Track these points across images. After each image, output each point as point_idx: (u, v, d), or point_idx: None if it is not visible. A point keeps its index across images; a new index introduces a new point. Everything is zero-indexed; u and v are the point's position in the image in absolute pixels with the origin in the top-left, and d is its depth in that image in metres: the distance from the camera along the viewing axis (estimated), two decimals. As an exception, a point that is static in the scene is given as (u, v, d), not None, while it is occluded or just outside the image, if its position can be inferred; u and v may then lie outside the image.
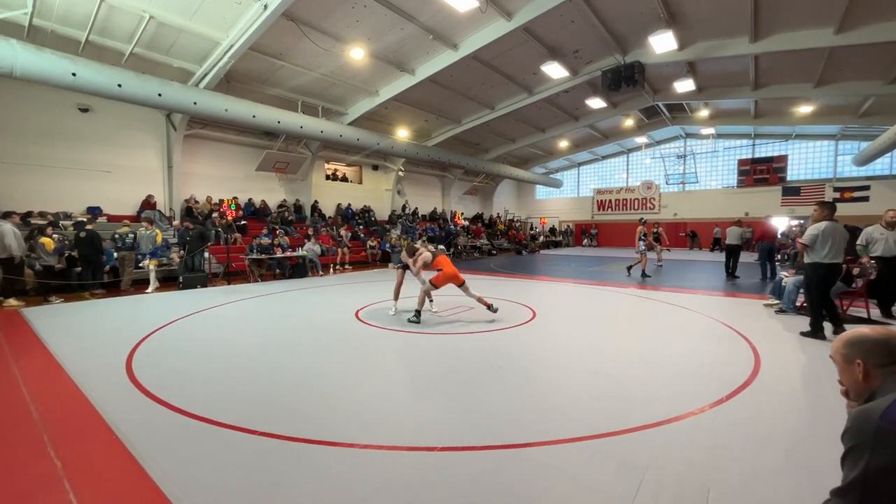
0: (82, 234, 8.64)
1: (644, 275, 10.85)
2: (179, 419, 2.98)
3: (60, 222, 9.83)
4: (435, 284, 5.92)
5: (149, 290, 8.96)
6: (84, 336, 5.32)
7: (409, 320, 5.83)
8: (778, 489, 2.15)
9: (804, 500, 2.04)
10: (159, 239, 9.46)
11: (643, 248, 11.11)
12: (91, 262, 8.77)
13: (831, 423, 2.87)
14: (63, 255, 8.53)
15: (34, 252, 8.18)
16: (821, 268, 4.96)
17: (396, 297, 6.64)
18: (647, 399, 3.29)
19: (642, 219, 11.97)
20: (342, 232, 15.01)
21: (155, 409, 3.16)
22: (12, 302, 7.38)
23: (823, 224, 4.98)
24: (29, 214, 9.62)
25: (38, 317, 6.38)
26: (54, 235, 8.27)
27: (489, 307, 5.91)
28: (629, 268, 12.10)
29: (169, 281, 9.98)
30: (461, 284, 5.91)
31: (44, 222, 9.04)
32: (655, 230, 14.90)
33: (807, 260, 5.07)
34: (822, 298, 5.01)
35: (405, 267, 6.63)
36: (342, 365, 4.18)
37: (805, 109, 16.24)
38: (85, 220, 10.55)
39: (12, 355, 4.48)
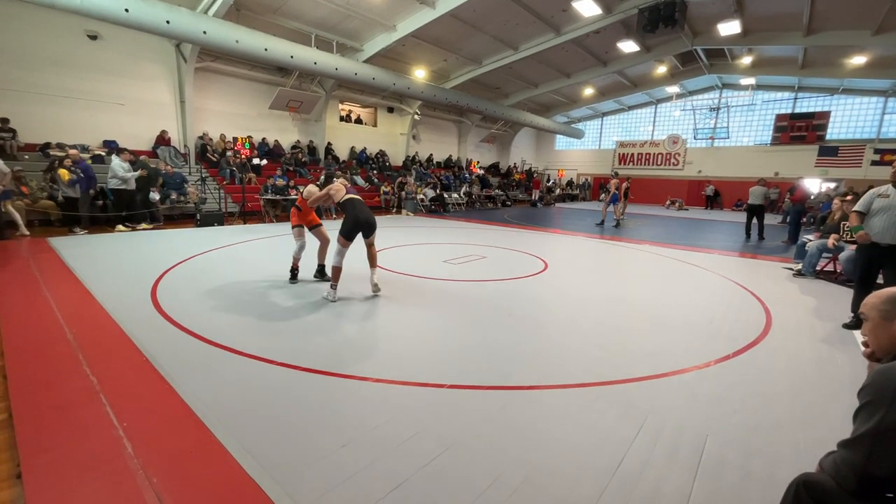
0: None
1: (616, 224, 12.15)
2: (203, 346, 3.15)
3: (79, 154, 9.87)
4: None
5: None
6: (110, 265, 5.53)
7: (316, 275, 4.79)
8: (774, 441, 2.22)
9: (800, 453, 2.11)
10: None
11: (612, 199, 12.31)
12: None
13: (836, 385, 2.90)
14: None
15: (55, 184, 8.34)
16: None
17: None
18: (653, 351, 3.34)
19: (616, 173, 13.77)
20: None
21: (180, 335, 3.34)
22: (121, 228, 8.60)
23: None
24: (47, 146, 9.68)
25: (64, 246, 6.62)
26: (72, 167, 8.35)
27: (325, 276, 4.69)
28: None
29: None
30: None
31: (62, 154, 9.10)
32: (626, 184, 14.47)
33: None
34: None
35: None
36: (355, 304, 4.30)
37: (858, 60, 14.85)
38: (103, 153, 10.61)
39: (44, 281, 4.71)
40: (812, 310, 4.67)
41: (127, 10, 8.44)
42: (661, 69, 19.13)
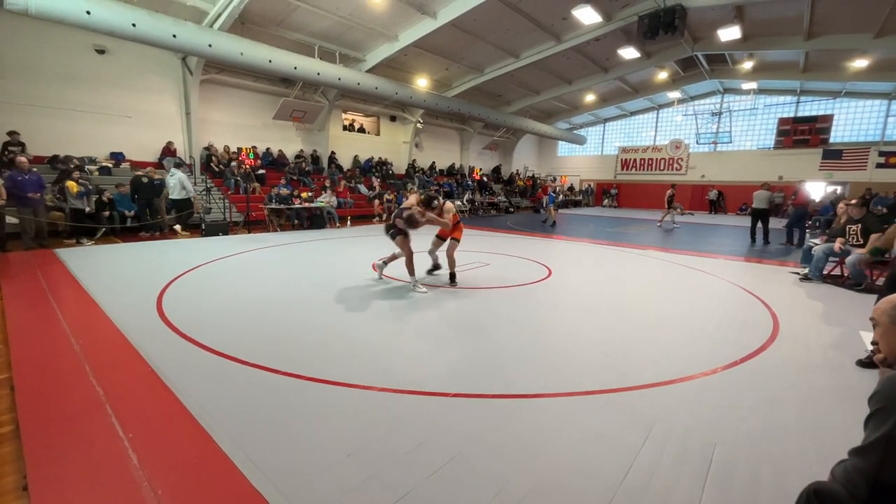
0: (144, 180, 9.60)
1: (552, 224, 13.88)
2: (208, 356, 3.16)
3: (86, 167, 10.02)
4: (458, 239, 5.61)
5: None
6: (116, 276, 5.57)
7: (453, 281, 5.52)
8: (784, 449, 2.19)
9: (810, 460, 2.08)
10: None
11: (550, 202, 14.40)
12: (152, 206, 9.72)
13: (845, 391, 2.86)
14: (92, 199, 8.74)
15: (63, 195, 8.44)
16: None
17: (413, 270, 5.25)
18: (658, 358, 3.31)
19: (554, 178, 15.68)
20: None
21: (185, 346, 3.35)
22: (180, 231, 9.54)
23: None
24: (56, 158, 9.82)
25: (71, 257, 6.68)
26: (80, 180, 8.46)
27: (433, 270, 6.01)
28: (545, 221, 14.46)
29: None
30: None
31: (70, 166, 9.23)
32: (670, 192, 14.79)
33: None
34: None
35: (404, 233, 5.17)
36: (359, 313, 4.31)
37: (860, 63, 14.85)
38: (110, 165, 10.75)
39: (51, 292, 4.75)
40: (820, 314, 4.62)
41: (134, 25, 8.60)
42: (663, 75, 19.21)
